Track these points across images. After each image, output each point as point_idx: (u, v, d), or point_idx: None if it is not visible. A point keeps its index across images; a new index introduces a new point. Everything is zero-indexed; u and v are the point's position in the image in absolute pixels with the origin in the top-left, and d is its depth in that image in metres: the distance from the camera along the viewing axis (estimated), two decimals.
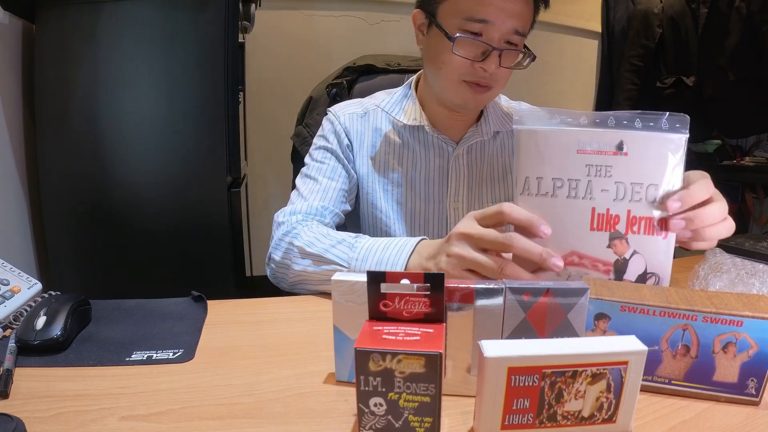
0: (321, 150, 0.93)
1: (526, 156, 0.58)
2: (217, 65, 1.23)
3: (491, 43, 0.78)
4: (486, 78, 0.81)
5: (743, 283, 0.70)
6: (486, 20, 0.77)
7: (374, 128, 0.94)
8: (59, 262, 1.26)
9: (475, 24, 0.78)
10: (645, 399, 0.50)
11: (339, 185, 0.90)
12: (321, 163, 0.92)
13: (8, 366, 0.54)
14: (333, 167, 0.91)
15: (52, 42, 1.18)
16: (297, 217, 0.84)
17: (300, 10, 2.29)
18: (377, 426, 0.42)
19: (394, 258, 0.71)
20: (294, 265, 0.78)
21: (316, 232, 0.79)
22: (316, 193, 0.88)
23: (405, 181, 0.92)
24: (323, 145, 0.94)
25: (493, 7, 0.77)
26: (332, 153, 0.92)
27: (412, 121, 0.91)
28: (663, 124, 0.55)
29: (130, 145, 1.24)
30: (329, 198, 0.88)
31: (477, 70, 0.80)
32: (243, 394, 0.52)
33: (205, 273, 1.31)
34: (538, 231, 0.56)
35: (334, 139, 0.93)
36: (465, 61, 0.80)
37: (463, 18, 0.78)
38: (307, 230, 0.80)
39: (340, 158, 0.92)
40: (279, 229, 0.84)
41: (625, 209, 0.56)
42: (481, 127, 0.93)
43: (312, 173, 0.91)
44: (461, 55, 0.79)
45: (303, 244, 0.78)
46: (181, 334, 0.64)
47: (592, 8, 2.70)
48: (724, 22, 2.05)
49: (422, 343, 0.41)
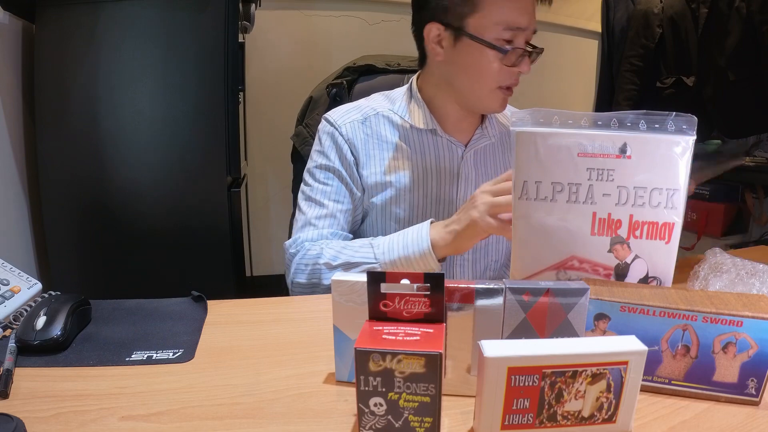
0: (323, 170, 0.91)
1: (524, 159, 0.56)
2: (217, 65, 1.23)
3: (525, 48, 0.83)
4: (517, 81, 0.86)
5: (743, 283, 0.70)
6: (524, 27, 0.82)
7: (378, 135, 0.92)
8: (59, 262, 1.26)
9: (511, 32, 0.81)
10: (645, 399, 0.50)
11: (345, 207, 0.90)
12: (324, 184, 0.90)
13: (8, 366, 0.54)
14: (337, 188, 0.90)
15: (52, 42, 1.18)
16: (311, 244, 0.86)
17: (300, 10, 2.29)
18: (377, 426, 0.42)
19: (417, 237, 0.80)
20: (324, 281, 0.83)
21: (335, 247, 0.83)
22: (324, 219, 0.88)
23: (416, 185, 0.92)
24: (324, 163, 0.91)
25: (527, 14, 0.81)
26: (335, 173, 0.90)
27: (423, 125, 0.91)
28: (669, 125, 0.54)
29: (130, 145, 1.24)
30: (338, 223, 0.89)
31: (513, 75, 0.85)
32: (243, 394, 0.52)
33: (205, 273, 1.31)
34: None
35: (336, 156, 0.90)
36: (504, 68, 0.83)
37: (502, 28, 0.80)
38: (327, 248, 0.84)
39: (344, 177, 0.90)
40: (296, 256, 0.86)
41: (627, 214, 0.55)
42: (487, 129, 0.95)
43: (317, 196, 0.90)
44: (509, 64, 0.83)
45: (328, 259, 0.82)
46: (181, 334, 0.64)
47: (592, 8, 2.70)
48: (724, 22, 2.04)
49: (422, 343, 0.41)
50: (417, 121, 0.91)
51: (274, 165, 2.28)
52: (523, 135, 0.56)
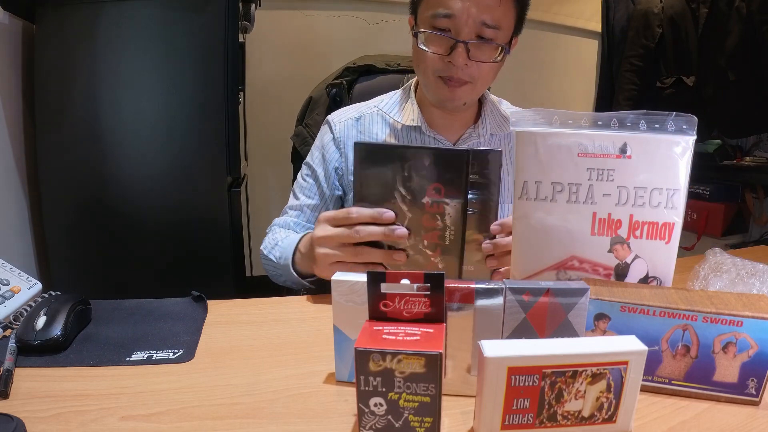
0: (306, 166, 0.99)
1: (524, 159, 0.56)
2: (217, 65, 1.23)
3: (458, 38, 0.79)
4: (458, 73, 0.82)
5: (743, 283, 0.70)
6: (451, 14, 0.79)
7: (369, 132, 0.95)
8: (59, 262, 1.26)
9: (443, 20, 0.80)
10: (645, 399, 0.50)
11: (314, 202, 0.97)
12: (303, 179, 0.98)
13: (8, 366, 0.54)
14: (311, 186, 0.97)
15: (52, 42, 1.18)
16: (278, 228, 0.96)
17: (300, 10, 2.29)
18: (377, 426, 0.42)
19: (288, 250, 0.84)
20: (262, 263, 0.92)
21: (278, 238, 0.91)
22: (294, 210, 0.97)
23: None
24: (308, 161, 0.99)
25: (457, 1, 0.78)
26: (312, 171, 0.97)
27: (409, 122, 0.92)
28: (669, 125, 0.54)
29: (130, 145, 1.24)
30: (305, 216, 0.97)
31: (447, 65, 0.82)
32: (243, 394, 0.52)
33: (205, 273, 1.31)
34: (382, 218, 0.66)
35: (319, 155, 0.97)
36: (435, 57, 0.82)
37: (431, 15, 0.80)
38: (274, 235, 0.92)
39: (318, 177, 0.96)
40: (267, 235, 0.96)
41: (628, 214, 0.55)
42: (478, 128, 0.93)
43: (295, 188, 0.99)
44: (426, 50, 0.82)
45: (263, 246, 0.92)
46: (181, 334, 0.64)
47: (592, 8, 2.70)
48: (724, 22, 2.04)
49: (422, 343, 0.41)
50: (405, 119, 0.93)
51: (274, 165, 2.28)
52: (523, 135, 0.56)
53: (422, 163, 0.64)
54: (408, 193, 0.65)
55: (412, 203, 0.66)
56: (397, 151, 0.65)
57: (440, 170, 0.64)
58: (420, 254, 0.68)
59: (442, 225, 0.66)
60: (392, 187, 0.66)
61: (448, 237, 0.66)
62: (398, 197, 0.66)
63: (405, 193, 0.65)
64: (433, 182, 0.64)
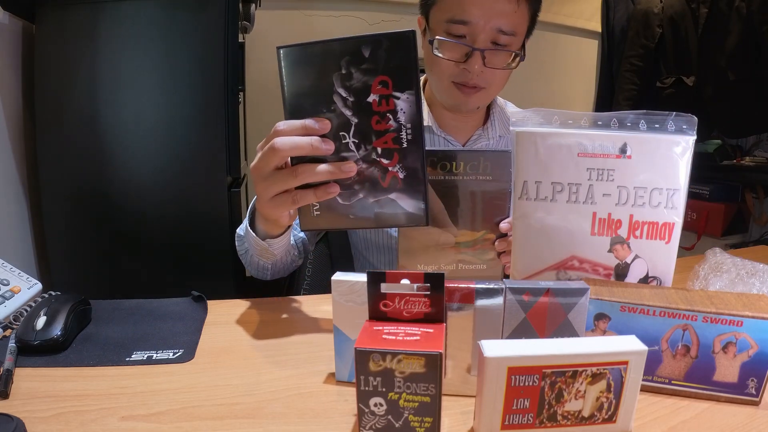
0: None
1: (524, 159, 0.56)
2: (217, 65, 1.23)
3: (474, 45, 0.79)
4: (473, 79, 0.82)
5: (743, 283, 0.70)
6: (467, 21, 0.78)
7: None
8: (59, 262, 1.26)
9: (459, 26, 0.79)
10: (645, 399, 0.50)
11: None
12: None
13: (8, 366, 0.54)
14: None
15: (52, 42, 1.18)
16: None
17: (300, 10, 2.29)
18: (377, 426, 0.42)
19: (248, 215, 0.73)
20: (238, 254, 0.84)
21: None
22: None
23: None
24: None
25: (474, 8, 0.77)
26: None
27: None
28: (669, 125, 0.54)
29: (130, 145, 1.24)
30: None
31: (462, 72, 0.81)
32: (243, 394, 0.52)
33: (205, 273, 1.31)
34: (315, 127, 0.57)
35: None
36: (450, 63, 0.81)
37: (446, 21, 0.79)
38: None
39: None
40: None
41: (628, 214, 0.55)
42: (488, 130, 0.94)
43: None
44: (443, 56, 0.81)
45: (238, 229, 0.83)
46: (181, 334, 0.64)
47: (592, 8, 2.70)
48: (724, 22, 2.04)
49: (422, 343, 0.41)
50: None
51: None
52: (523, 135, 0.56)
53: (361, 54, 0.54)
54: (350, 93, 0.55)
55: (357, 105, 0.55)
56: (331, 46, 0.55)
57: (384, 59, 0.54)
58: (375, 165, 0.57)
59: (395, 125, 0.55)
60: (329, 90, 0.56)
61: (405, 138, 0.55)
62: (339, 101, 0.56)
63: (346, 95, 0.55)
64: (378, 75, 0.54)
